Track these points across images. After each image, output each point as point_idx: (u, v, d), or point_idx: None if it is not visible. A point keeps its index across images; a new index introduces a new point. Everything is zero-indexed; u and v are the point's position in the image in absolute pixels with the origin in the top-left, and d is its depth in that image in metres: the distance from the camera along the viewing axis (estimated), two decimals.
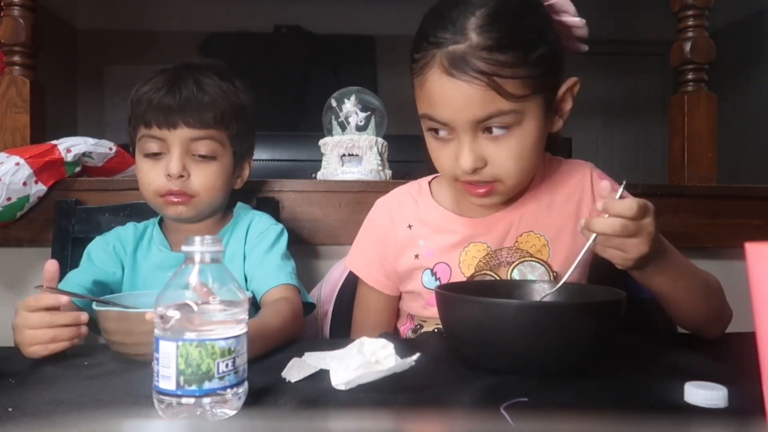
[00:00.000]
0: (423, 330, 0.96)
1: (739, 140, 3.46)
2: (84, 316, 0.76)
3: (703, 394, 0.57)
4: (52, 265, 0.81)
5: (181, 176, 0.97)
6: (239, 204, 1.13)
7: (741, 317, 0.85)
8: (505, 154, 0.81)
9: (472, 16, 0.77)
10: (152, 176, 0.99)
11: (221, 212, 1.09)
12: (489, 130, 0.80)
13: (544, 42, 0.79)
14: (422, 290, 0.94)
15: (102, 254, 1.04)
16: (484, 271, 0.91)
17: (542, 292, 0.81)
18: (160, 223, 1.10)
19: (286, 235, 1.06)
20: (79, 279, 0.98)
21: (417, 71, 0.82)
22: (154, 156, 0.99)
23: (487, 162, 0.81)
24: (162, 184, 0.98)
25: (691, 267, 0.83)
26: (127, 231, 1.08)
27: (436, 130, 0.83)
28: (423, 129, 0.87)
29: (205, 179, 0.99)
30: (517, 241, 0.92)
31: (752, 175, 1.54)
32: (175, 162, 0.97)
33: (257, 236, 1.04)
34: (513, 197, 0.92)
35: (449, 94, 0.78)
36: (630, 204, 0.69)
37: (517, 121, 0.79)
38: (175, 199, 0.99)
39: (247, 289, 1.02)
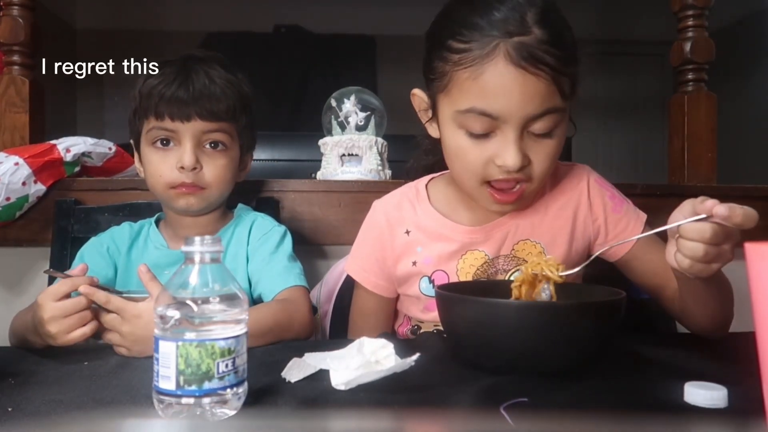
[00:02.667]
0: (421, 331, 0.96)
1: (739, 140, 3.46)
2: (95, 278, 0.79)
3: (703, 394, 0.57)
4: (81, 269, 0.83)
5: (194, 168, 0.97)
6: (240, 205, 1.13)
7: (741, 317, 0.85)
8: (545, 153, 0.80)
9: (529, 11, 0.76)
10: (163, 168, 0.99)
11: (222, 209, 1.09)
12: (533, 129, 0.78)
13: (577, 44, 0.80)
14: (420, 295, 0.94)
15: (95, 256, 1.03)
16: (481, 279, 0.91)
17: (542, 291, 0.81)
18: (157, 222, 1.10)
19: (290, 236, 1.06)
20: None
21: (468, 62, 0.76)
22: (164, 146, 0.99)
23: (530, 160, 0.80)
24: (175, 177, 0.98)
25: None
26: (123, 230, 1.08)
27: (475, 130, 0.80)
28: (451, 127, 0.82)
29: (216, 171, 0.99)
30: (513, 249, 0.92)
31: (752, 175, 1.55)
32: (188, 154, 0.97)
33: (260, 237, 1.04)
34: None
35: (514, 86, 0.75)
36: (704, 230, 0.66)
37: (560, 120, 0.80)
38: (186, 191, 0.99)
39: (253, 292, 1.01)
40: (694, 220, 0.66)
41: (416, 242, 0.94)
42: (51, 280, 1.08)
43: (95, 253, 1.04)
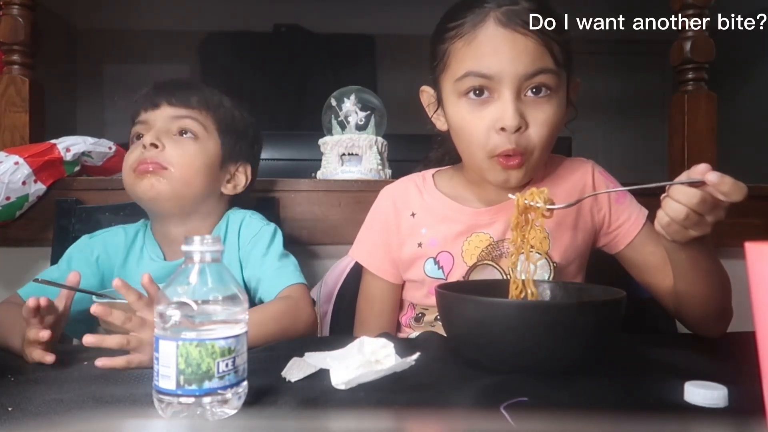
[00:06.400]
0: (425, 318, 0.97)
1: (739, 140, 3.46)
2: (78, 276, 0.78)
3: (703, 393, 0.57)
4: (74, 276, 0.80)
5: (155, 146, 0.96)
6: (232, 209, 1.08)
7: (741, 317, 0.85)
8: (543, 118, 0.83)
9: None
10: (132, 155, 0.98)
11: (209, 215, 1.04)
12: (531, 91, 0.83)
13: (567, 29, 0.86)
14: (425, 279, 0.95)
15: (81, 263, 0.99)
16: (485, 261, 0.92)
17: (542, 291, 0.81)
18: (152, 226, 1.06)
19: (280, 234, 1.03)
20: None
21: (463, 32, 0.84)
22: (137, 139, 1.00)
23: (528, 124, 0.83)
24: (137, 156, 0.96)
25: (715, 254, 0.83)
26: (117, 238, 1.04)
27: (474, 92, 0.84)
28: (453, 100, 0.87)
29: (180, 152, 0.97)
30: None
31: (752, 175, 1.54)
32: (150, 135, 0.97)
33: (250, 240, 1.01)
34: (515, 190, 0.93)
35: (504, 45, 0.81)
36: (691, 194, 0.68)
37: (556, 86, 0.84)
38: (147, 168, 0.95)
39: (254, 297, 0.99)
40: (686, 182, 0.69)
41: (421, 224, 0.96)
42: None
43: (82, 259, 1.01)
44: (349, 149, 1.32)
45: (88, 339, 0.68)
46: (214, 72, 3.70)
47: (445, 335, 0.79)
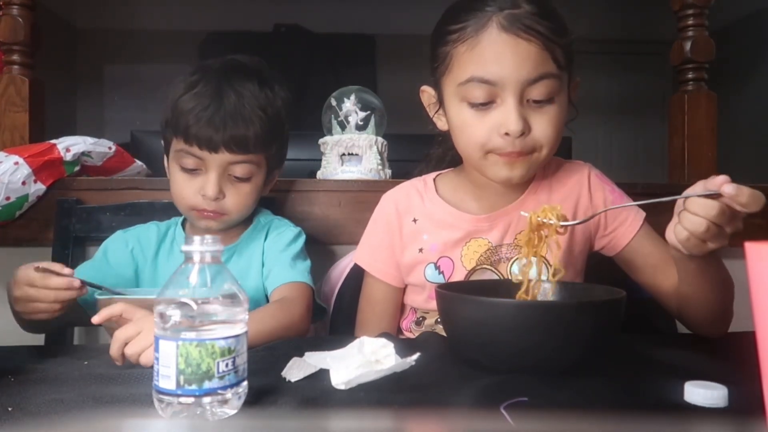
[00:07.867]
0: (425, 322, 0.98)
1: (739, 140, 3.46)
2: (76, 282, 0.79)
3: (703, 393, 0.57)
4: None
5: (216, 198, 0.97)
6: (258, 208, 1.12)
7: (741, 317, 0.85)
8: (547, 120, 0.83)
9: None
10: (187, 192, 0.99)
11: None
12: (532, 98, 0.82)
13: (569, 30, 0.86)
14: (425, 283, 0.95)
15: (118, 253, 1.04)
16: (484, 266, 0.93)
17: (542, 291, 0.81)
18: (183, 222, 1.10)
19: (303, 237, 1.07)
20: (89, 273, 0.99)
21: (465, 37, 0.83)
22: (191, 171, 0.98)
23: (531, 129, 0.83)
24: (197, 202, 0.98)
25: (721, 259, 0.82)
26: (149, 232, 1.08)
27: (477, 99, 0.83)
28: (454, 103, 0.87)
29: (238, 198, 1.00)
30: (516, 238, 0.94)
31: (752, 175, 1.55)
32: (212, 185, 0.96)
33: (275, 236, 1.06)
34: (514, 194, 0.94)
35: (507, 50, 0.81)
36: (710, 207, 0.68)
37: (558, 90, 0.83)
38: (207, 215, 0.99)
39: (263, 287, 1.03)
40: (703, 195, 0.68)
41: (423, 230, 0.96)
42: None
43: (119, 251, 1.05)
44: (349, 149, 1.31)
45: (96, 319, 0.74)
46: None
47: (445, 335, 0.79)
